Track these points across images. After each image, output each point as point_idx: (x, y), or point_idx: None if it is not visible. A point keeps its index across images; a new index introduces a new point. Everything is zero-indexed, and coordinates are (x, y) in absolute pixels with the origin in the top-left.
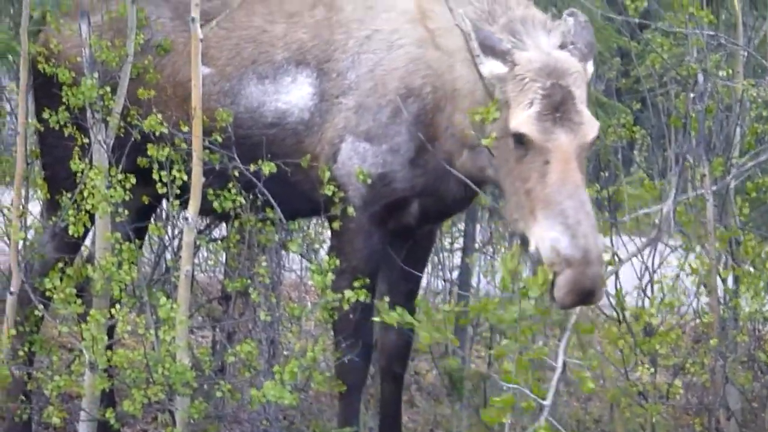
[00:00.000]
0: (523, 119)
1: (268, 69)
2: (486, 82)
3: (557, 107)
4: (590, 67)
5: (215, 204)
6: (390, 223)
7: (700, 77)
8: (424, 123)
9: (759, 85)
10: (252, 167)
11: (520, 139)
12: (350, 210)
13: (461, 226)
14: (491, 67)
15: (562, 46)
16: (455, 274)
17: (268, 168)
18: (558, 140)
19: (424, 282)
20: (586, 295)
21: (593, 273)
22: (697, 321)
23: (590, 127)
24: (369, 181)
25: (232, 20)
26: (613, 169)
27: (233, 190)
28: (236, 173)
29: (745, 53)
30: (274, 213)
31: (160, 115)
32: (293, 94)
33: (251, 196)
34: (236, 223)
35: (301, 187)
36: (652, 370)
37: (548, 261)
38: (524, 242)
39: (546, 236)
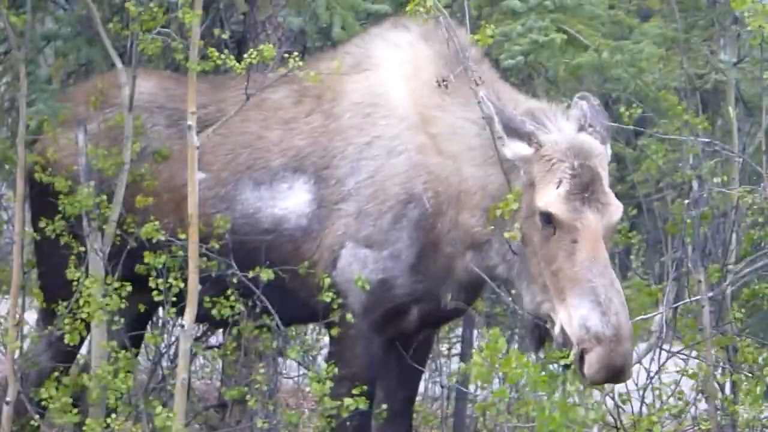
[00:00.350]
0: (552, 198)
1: (264, 175)
2: (506, 167)
3: (586, 187)
4: (608, 149)
5: (214, 311)
6: (389, 330)
7: (695, 184)
8: (425, 228)
9: (754, 191)
10: (251, 274)
11: (548, 219)
12: (349, 317)
13: (458, 331)
14: (516, 148)
15: (580, 130)
16: (453, 380)
17: (266, 275)
18: (587, 219)
19: (421, 388)
20: (617, 372)
21: (624, 350)
22: (696, 428)
23: (616, 207)
24: (368, 287)
25: (228, 126)
26: None
27: (231, 297)
28: (234, 280)
29: (741, 160)
30: (272, 320)
31: (156, 223)
32: (290, 201)
33: (249, 303)
34: (233, 330)
35: (298, 293)
36: None
37: (578, 338)
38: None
39: (575, 314)
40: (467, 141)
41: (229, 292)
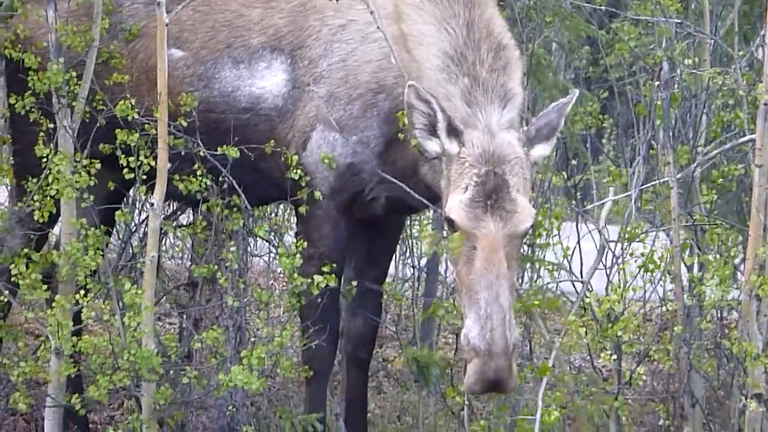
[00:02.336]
0: (454, 204)
1: (243, 54)
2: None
3: (489, 195)
4: (542, 149)
5: (181, 187)
6: (357, 212)
7: (666, 66)
8: (395, 122)
9: (725, 73)
10: (218, 152)
11: (452, 223)
12: (317, 194)
13: (430, 213)
14: (447, 145)
15: (511, 125)
16: (423, 261)
17: (233, 153)
18: (486, 228)
19: (392, 269)
20: (490, 385)
21: (496, 366)
22: (663, 309)
23: (524, 216)
24: (336, 169)
25: (209, 4)
26: (581, 158)
27: (195, 175)
28: (202, 157)
29: (712, 42)
30: (240, 199)
31: (132, 100)
32: (268, 80)
33: (218, 182)
34: (204, 209)
35: (271, 173)
36: (615, 357)
37: (461, 346)
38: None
39: (464, 322)
40: (431, 53)
41: (197, 168)
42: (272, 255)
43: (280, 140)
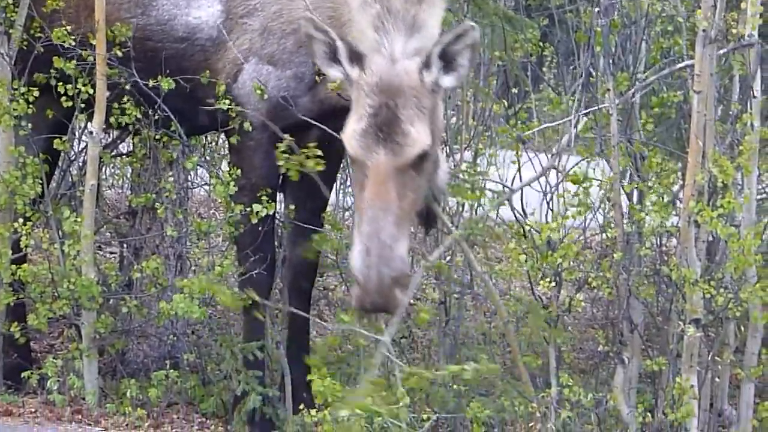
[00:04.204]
0: (348, 134)
1: None
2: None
3: (381, 127)
4: (447, 80)
5: (112, 120)
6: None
7: None
8: None
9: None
10: (151, 83)
11: (348, 153)
12: (247, 125)
13: None
14: (348, 71)
15: (418, 54)
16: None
17: (166, 85)
18: (376, 159)
19: (332, 198)
20: (368, 311)
21: (371, 300)
22: (603, 236)
23: (414, 147)
24: (266, 97)
25: None
26: (522, 86)
27: (129, 104)
28: (138, 87)
29: None
30: (175, 127)
31: (68, 27)
32: (204, 10)
33: (154, 111)
34: (136, 141)
35: (205, 103)
36: (555, 284)
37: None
38: None
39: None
40: None
41: (125, 99)
42: (212, 185)
43: (213, 71)
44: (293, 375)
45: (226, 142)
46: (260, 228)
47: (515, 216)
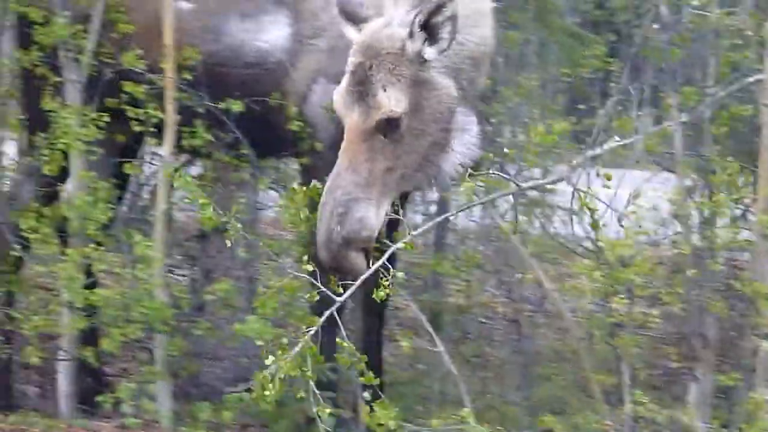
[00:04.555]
0: (335, 92)
1: (250, 7)
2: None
3: (356, 85)
4: (429, 52)
5: (184, 142)
6: None
7: (663, 9)
8: None
9: (733, 14)
10: (221, 105)
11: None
12: (318, 145)
13: None
14: (348, 31)
15: (405, 22)
16: (433, 208)
17: (236, 107)
18: (351, 118)
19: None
20: (322, 269)
21: (321, 255)
22: (674, 252)
23: (379, 109)
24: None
25: None
26: (590, 102)
27: (200, 128)
28: (208, 110)
29: None
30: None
31: (140, 51)
32: (273, 34)
33: (224, 134)
34: (208, 164)
35: (276, 126)
36: (628, 300)
37: None
38: None
39: None
40: None
41: (197, 122)
42: (283, 206)
43: (284, 93)
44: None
45: (297, 163)
46: None
47: (586, 233)
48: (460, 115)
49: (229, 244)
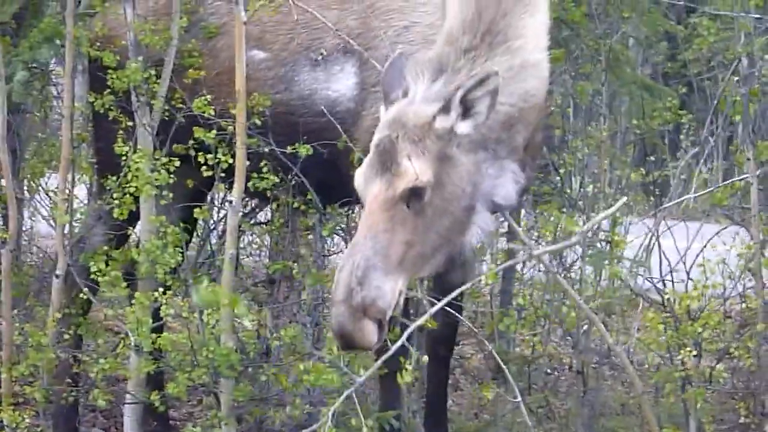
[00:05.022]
0: (357, 171)
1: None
2: None
3: (380, 156)
4: (463, 127)
5: (249, 184)
6: None
7: (745, 60)
8: None
9: None
10: (288, 150)
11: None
12: None
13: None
14: (381, 111)
15: (439, 96)
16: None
17: (304, 151)
18: (370, 191)
19: None
20: (337, 335)
21: (336, 313)
22: (743, 305)
23: (404, 177)
24: None
25: (289, 5)
26: (659, 154)
27: (267, 171)
28: (276, 156)
29: None
30: (312, 196)
31: (208, 97)
32: (342, 83)
33: (292, 179)
34: (274, 207)
35: (345, 172)
36: (695, 353)
37: None
38: None
39: None
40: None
41: (262, 165)
42: None
43: (352, 141)
44: None
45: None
46: None
47: (654, 285)
48: (490, 177)
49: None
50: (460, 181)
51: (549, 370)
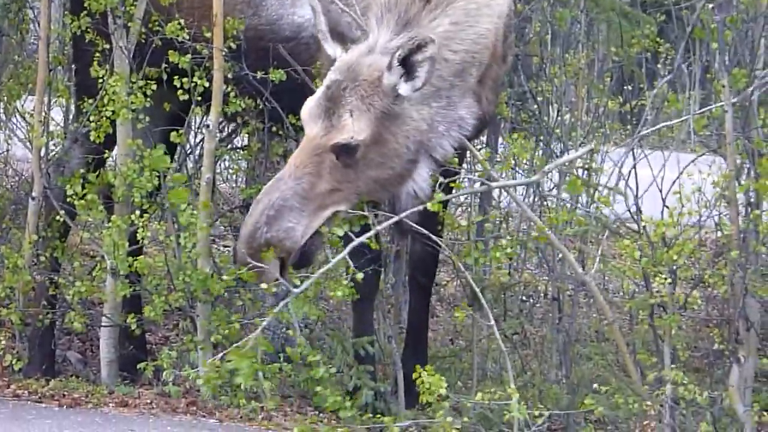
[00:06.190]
0: (305, 103)
1: None
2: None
3: (327, 101)
4: (405, 87)
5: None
6: None
7: None
8: None
9: None
10: (259, 75)
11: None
12: None
13: (483, 138)
14: (333, 50)
15: (387, 50)
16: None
17: (277, 77)
18: (310, 128)
19: None
20: (237, 261)
21: (240, 252)
22: (718, 234)
23: (341, 133)
24: None
25: None
26: (637, 82)
27: (232, 95)
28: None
29: None
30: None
31: (181, 21)
32: (307, 9)
33: (263, 104)
34: (254, 132)
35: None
36: (670, 281)
37: None
38: None
39: None
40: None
41: (229, 90)
42: None
43: (316, 66)
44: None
45: None
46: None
47: (630, 213)
48: (437, 133)
49: None
50: (405, 139)
51: (525, 297)
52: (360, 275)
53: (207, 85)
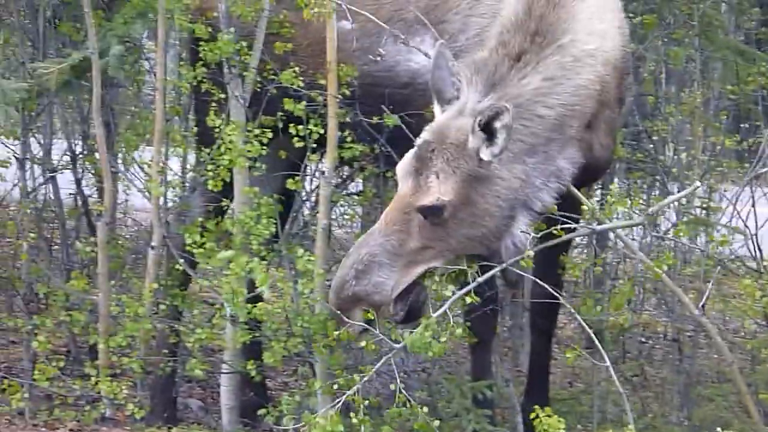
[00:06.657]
0: (403, 159)
1: (401, 28)
2: None
3: (416, 161)
4: (485, 153)
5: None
6: None
7: None
8: None
9: None
10: (374, 120)
11: None
12: None
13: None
14: (435, 110)
15: (475, 113)
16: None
17: (390, 122)
18: (401, 185)
19: None
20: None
21: (331, 299)
22: None
23: (426, 195)
24: None
25: None
26: (753, 120)
27: (348, 140)
28: (363, 127)
29: None
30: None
31: (297, 69)
32: (422, 55)
33: (380, 150)
34: (362, 176)
35: None
36: None
37: None
38: None
39: None
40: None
41: (346, 134)
42: None
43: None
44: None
45: None
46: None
47: (750, 252)
48: (534, 187)
49: None
50: (495, 199)
51: (644, 339)
52: (459, 331)
53: (322, 131)
